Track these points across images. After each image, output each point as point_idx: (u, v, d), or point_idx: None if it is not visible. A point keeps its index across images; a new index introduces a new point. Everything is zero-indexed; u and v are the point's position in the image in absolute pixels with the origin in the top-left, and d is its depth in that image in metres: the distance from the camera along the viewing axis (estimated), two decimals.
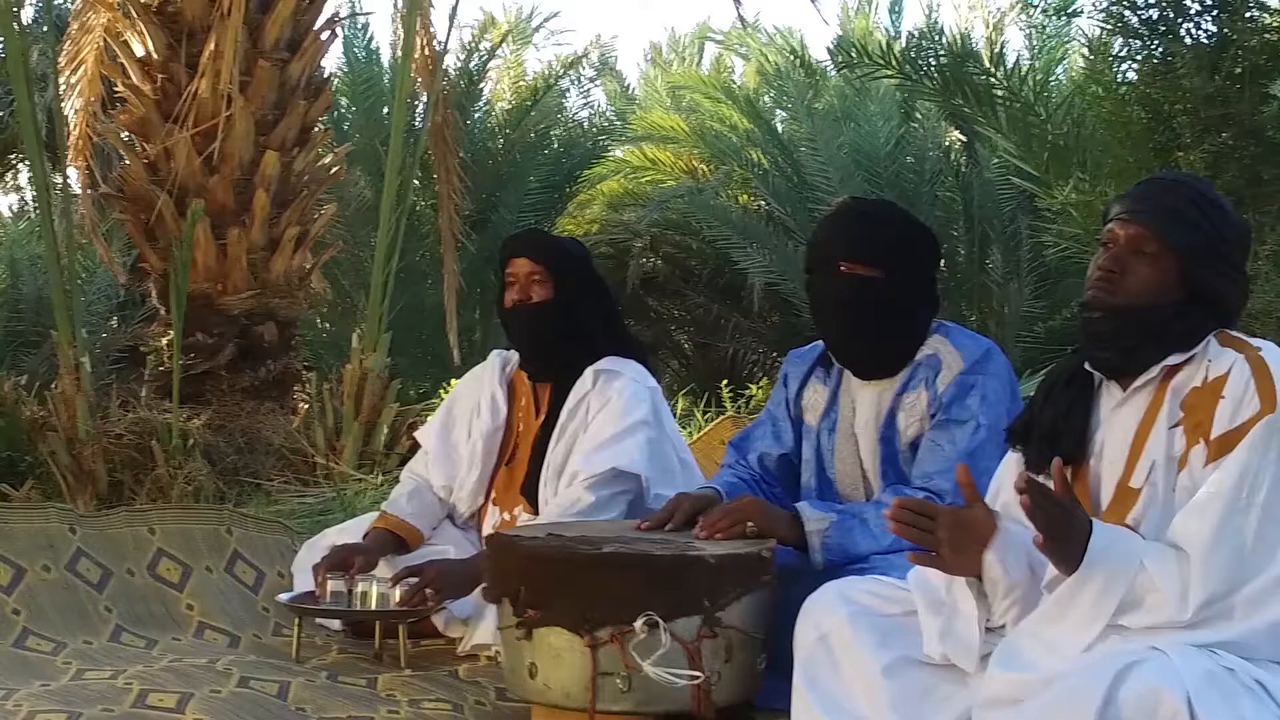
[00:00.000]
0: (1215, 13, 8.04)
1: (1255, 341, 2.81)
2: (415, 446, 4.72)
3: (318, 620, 4.32)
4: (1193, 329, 2.84)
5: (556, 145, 14.66)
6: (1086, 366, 2.96)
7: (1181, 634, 2.57)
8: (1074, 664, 2.61)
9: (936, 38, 10.71)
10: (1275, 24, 8.18)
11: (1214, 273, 2.85)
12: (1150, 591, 2.61)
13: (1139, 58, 8.36)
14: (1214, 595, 2.58)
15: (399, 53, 8.65)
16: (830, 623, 3.03)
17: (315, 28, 7.73)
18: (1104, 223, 2.96)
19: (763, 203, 13.54)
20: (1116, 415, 2.90)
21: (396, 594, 4.01)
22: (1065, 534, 2.65)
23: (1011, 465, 3.04)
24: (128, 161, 7.58)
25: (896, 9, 15.21)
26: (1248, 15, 7.96)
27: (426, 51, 8.42)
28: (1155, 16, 8.16)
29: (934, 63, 9.40)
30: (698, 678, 3.21)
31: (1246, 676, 2.52)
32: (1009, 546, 2.81)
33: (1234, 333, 2.86)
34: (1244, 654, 2.56)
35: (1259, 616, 2.58)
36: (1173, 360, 2.84)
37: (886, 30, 14.65)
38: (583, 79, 16.15)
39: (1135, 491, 2.81)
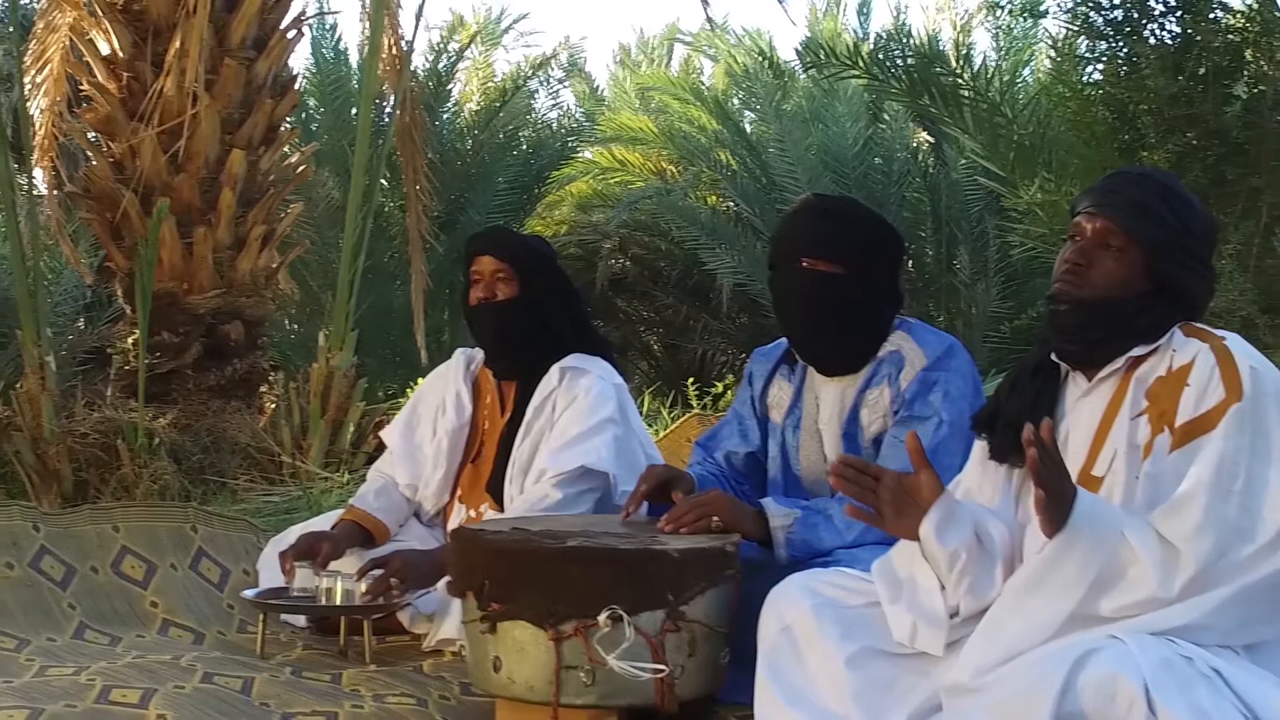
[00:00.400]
0: (1179, 14, 8.10)
1: (1219, 332, 2.84)
2: (382, 446, 4.71)
3: (283, 617, 4.31)
4: (1158, 322, 2.87)
5: (525, 146, 14.67)
6: (1053, 358, 2.98)
7: (1142, 620, 2.59)
8: (1033, 653, 2.63)
9: (904, 39, 10.76)
10: (1238, 25, 8.24)
11: (1180, 267, 2.87)
12: (1132, 563, 2.63)
13: (1104, 58, 8.42)
14: (1199, 580, 2.60)
15: (367, 52, 8.63)
16: (794, 614, 3.05)
17: (281, 26, 7.73)
18: (1071, 216, 2.98)
19: (731, 204, 13.57)
20: (1081, 405, 2.93)
21: (362, 587, 4.00)
22: (1060, 492, 2.67)
23: (978, 457, 3.07)
24: (93, 160, 7.55)
25: (864, 11, 15.28)
26: (1210, 16, 8.02)
27: (394, 51, 8.42)
28: (1120, 17, 8.21)
29: (901, 63, 9.44)
30: (661, 671, 3.21)
31: (1204, 664, 2.54)
32: (948, 517, 2.85)
33: (1198, 325, 2.88)
34: (1198, 639, 2.58)
35: (1214, 596, 2.60)
36: (1138, 351, 2.86)
37: (855, 32, 14.72)
38: (551, 80, 16.18)
39: (1098, 480, 2.84)
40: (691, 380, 9.05)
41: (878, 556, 3.25)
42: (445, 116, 14.26)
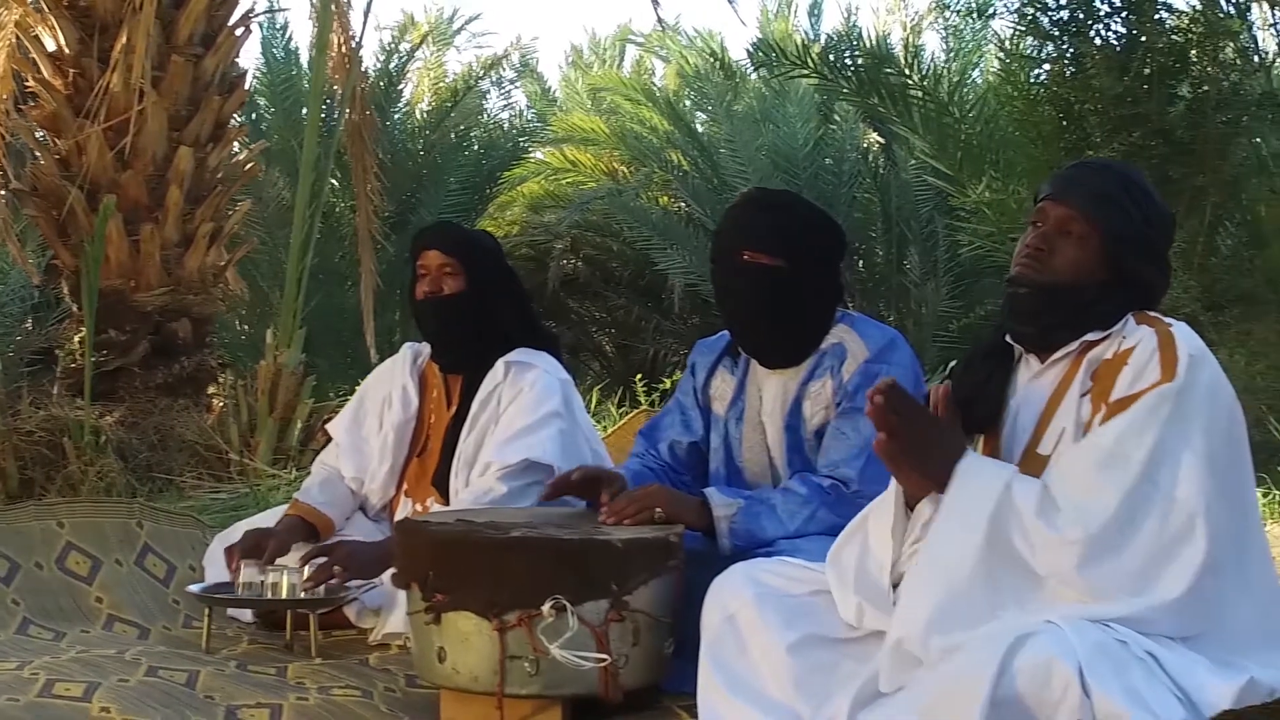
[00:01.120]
0: (1124, 15, 8.18)
1: (1169, 320, 2.88)
2: (330, 442, 4.71)
3: (229, 612, 4.30)
4: (1114, 310, 2.90)
5: (477, 146, 14.67)
6: (1008, 339, 3.01)
7: (1079, 608, 2.62)
8: (968, 639, 2.65)
9: (854, 40, 10.81)
10: (1182, 26, 8.34)
11: (1138, 256, 2.91)
12: (1016, 512, 2.68)
13: (1050, 59, 8.49)
14: (1080, 527, 2.63)
15: (315, 49, 8.61)
16: (737, 603, 3.06)
17: (230, 23, 7.70)
18: (1035, 202, 3.02)
19: (683, 204, 13.61)
20: (1032, 385, 2.97)
21: (306, 573, 3.99)
22: (928, 444, 2.74)
23: None
24: (39, 158, 7.50)
25: (815, 13, 15.36)
26: (1155, 17, 8.12)
27: (343, 49, 8.41)
28: (1066, 18, 8.29)
29: (851, 64, 9.50)
30: (605, 660, 3.23)
31: (1138, 648, 2.56)
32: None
33: (1152, 313, 2.92)
34: (1142, 629, 2.61)
35: (1152, 595, 2.63)
36: (1091, 336, 2.90)
37: (805, 33, 14.77)
38: (503, 80, 16.18)
39: (1044, 458, 2.86)
40: (640, 376, 9.07)
41: (821, 546, 3.27)
42: (396, 117, 14.25)
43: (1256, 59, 8.88)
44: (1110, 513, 2.64)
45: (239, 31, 7.75)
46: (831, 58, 9.80)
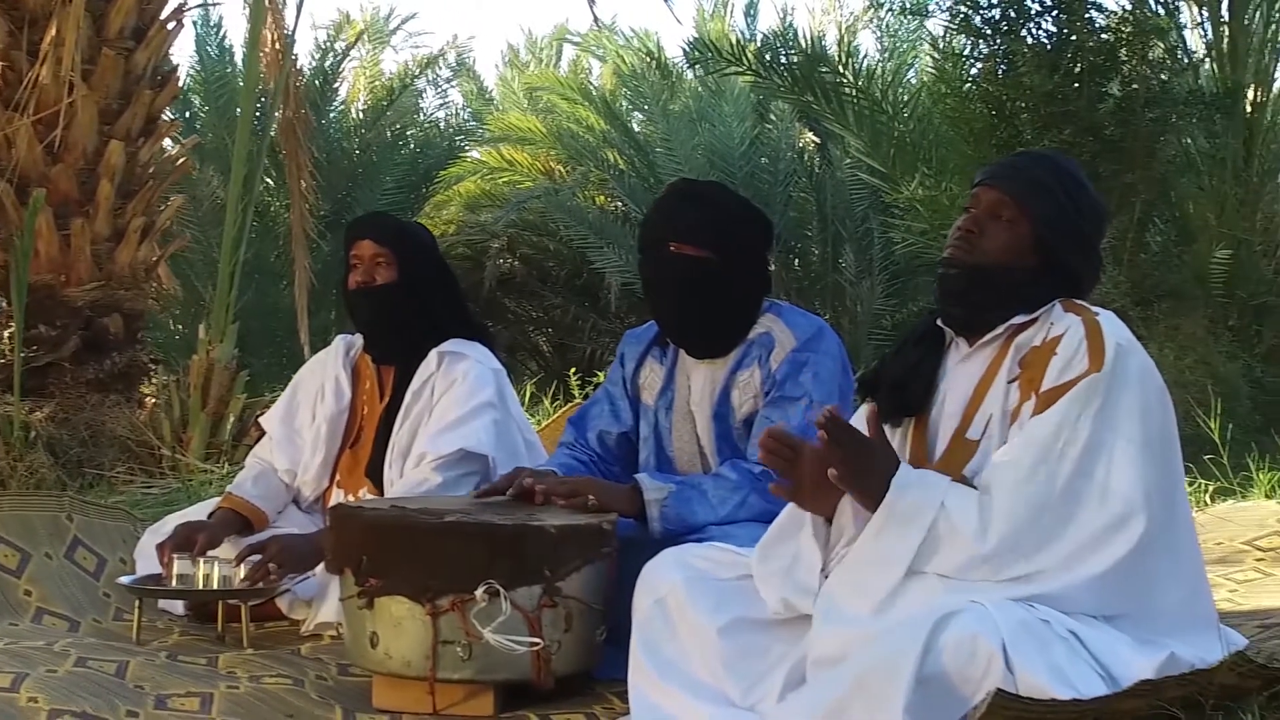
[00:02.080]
0: (1054, 14, 8.27)
1: (1095, 309, 2.92)
2: (263, 436, 4.68)
3: (160, 605, 4.27)
4: (1041, 294, 2.94)
5: (413, 145, 14.64)
6: (939, 323, 3.05)
7: (1001, 588, 2.65)
8: (894, 617, 2.68)
9: (790, 39, 10.87)
10: (1112, 25, 8.44)
11: (1067, 243, 2.96)
12: (950, 532, 2.70)
13: (982, 57, 8.57)
14: (1016, 532, 2.67)
15: (247, 43, 8.56)
16: (666, 587, 3.08)
17: (161, 17, 7.63)
18: (971, 188, 3.06)
19: (619, 203, 13.63)
20: (960, 369, 3.00)
21: (240, 574, 3.98)
22: (866, 470, 2.76)
23: (862, 421, 3.12)
24: None
25: (751, 13, 15.40)
26: (1085, 16, 8.21)
27: (276, 45, 8.36)
28: (998, 17, 8.37)
29: (786, 61, 9.55)
30: (537, 645, 3.24)
31: (1061, 628, 2.60)
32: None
33: (1079, 301, 2.95)
34: (1063, 608, 2.64)
35: (1079, 572, 2.66)
36: (1018, 320, 2.93)
37: (741, 33, 14.81)
38: (439, 80, 16.15)
39: (973, 443, 2.90)
40: (574, 370, 9.07)
41: (752, 533, 3.30)
42: (332, 115, 14.20)
43: (1184, 58, 9.00)
44: (1034, 504, 2.68)
45: (170, 26, 7.68)
46: (767, 57, 9.85)
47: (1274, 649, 2.90)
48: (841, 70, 9.41)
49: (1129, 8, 8.63)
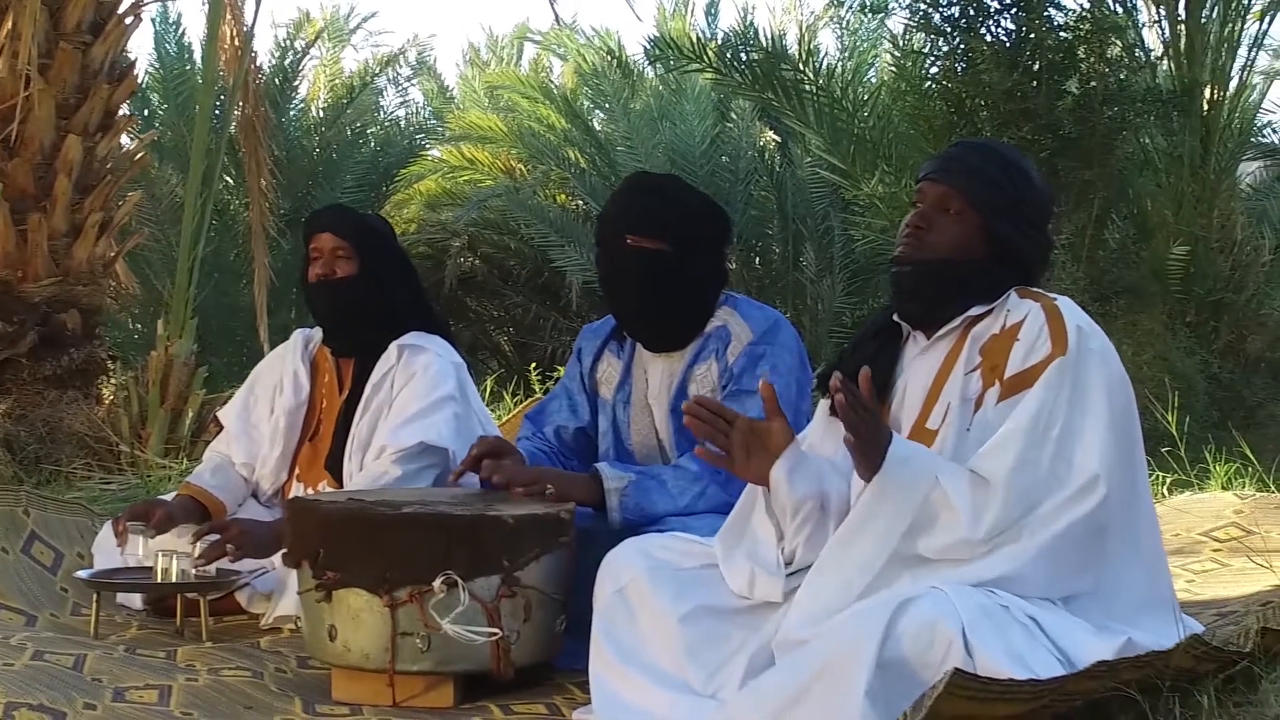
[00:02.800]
0: (1014, 11, 8.31)
1: (1052, 295, 2.94)
2: (222, 431, 4.66)
3: (119, 600, 4.26)
4: (994, 283, 2.96)
5: (373, 144, 14.60)
6: (895, 318, 3.06)
7: (961, 571, 2.67)
8: (855, 605, 2.69)
9: (751, 37, 10.89)
10: (1070, 23, 8.49)
11: (1016, 231, 2.97)
12: (944, 508, 2.72)
13: (942, 54, 8.61)
14: (1008, 519, 2.69)
15: (206, 37, 8.51)
16: (628, 576, 3.09)
17: (119, 11, 7.58)
18: (916, 183, 3.08)
19: (580, 202, 13.61)
20: (918, 361, 3.02)
21: (196, 552, 3.96)
22: (872, 436, 2.75)
23: (821, 413, 3.13)
24: None
25: (712, 12, 15.42)
26: (1044, 14, 8.25)
27: (236, 41, 8.33)
28: (957, 14, 8.40)
29: (747, 59, 9.57)
30: (496, 635, 3.23)
31: (1020, 613, 2.62)
32: (798, 464, 2.92)
33: (1033, 288, 2.97)
34: (1019, 590, 2.66)
35: (1034, 540, 2.68)
36: (975, 311, 2.95)
37: (702, 32, 14.83)
38: (400, 78, 16.11)
39: (932, 432, 2.92)
40: (534, 365, 9.07)
41: (711, 524, 3.31)
42: (292, 113, 14.13)
43: (1142, 56, 9.05)
44: (1026, 490, 2.71)
45: (129, 20, 7.62)
46: (728, 55, 9.88)
47: (1229, 634, 2.92)
48: (802, 68, 9.43)
49: (1087, 6, 8.68)
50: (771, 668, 2.84)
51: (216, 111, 10.53)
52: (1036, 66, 8.25)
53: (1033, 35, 8.28)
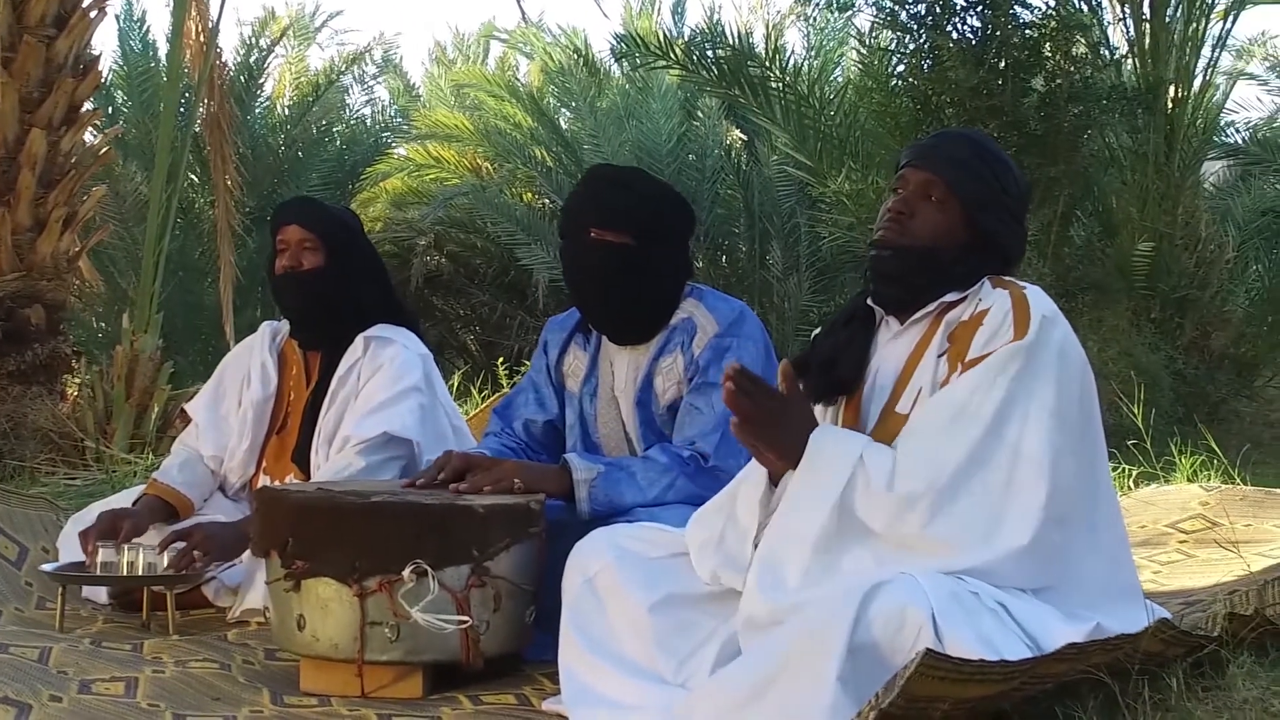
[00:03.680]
0: (979, 9, 8.34)
1: (1023, 284, 2.95)
2: (189, 424, 4.64)
3: (84, 594, 4.23)
4: (971, 272, 2.97)
5: (339, 142, 14.55)
6: (869, 303, 3.06)
7: (928, 562, 2.67)
8: (826, 588, 2.69)
9: (717, 35, 10.90)
10: (1036, 21, 8.53)
11: (995, 221, 2.98)
12: (865, 484, 2.73)
13: (908, 52, 8.63)
14: (926, 482, 2.69)
15: (171, 32, 8.47)
16: (597, 566, 3.08)
17: (84, 5, 7.53)
18: (897, 170, 3.09)
19: (546, 200, 13.60)
20: (891, 346, 3.03)
21: (165, 561, 3.95)
22: (774, 423, 2.79)
23: None
24: None
25: (679, 11, 15.43)
26: (1010, 12, 8.28)
27: (201, 38, 8.29)
28: (923, 12, 8.43)
29: (713, 55, 9.58)
30: (466, 624, 3.22)
31: (989, 599, 2.62)
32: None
33: (1007, 278, 2.98)
34: (992, 580, 2.66)
35: (1002, 544, 2.68)
36: (950, 297, 2.96)
37: (669, 30, 14.84)
38: (366, 76, 16.06)
39: (902, 416, 2.91)
40: (501, 360, 9.06)
41: (680, 515, 3.31)
42: (258, 111, 14.08)
43: (1107, 54, 9.10)
44: (957, 466, 2.70)
45: (93, 14, 7.58)
46: (695, 53, 9.88)
47: (1197, 620, 2.94)
48: (769, 66, 9.44)
49: (1053, 4, 8.71)
50: (741, 655, 2.84)
51: (182, 109, 10.48)
52: (1002, 64, 8.28)
53: (999, 33, 8.31)
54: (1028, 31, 8.46)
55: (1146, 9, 8.94)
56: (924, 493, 2.68)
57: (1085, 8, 8.96)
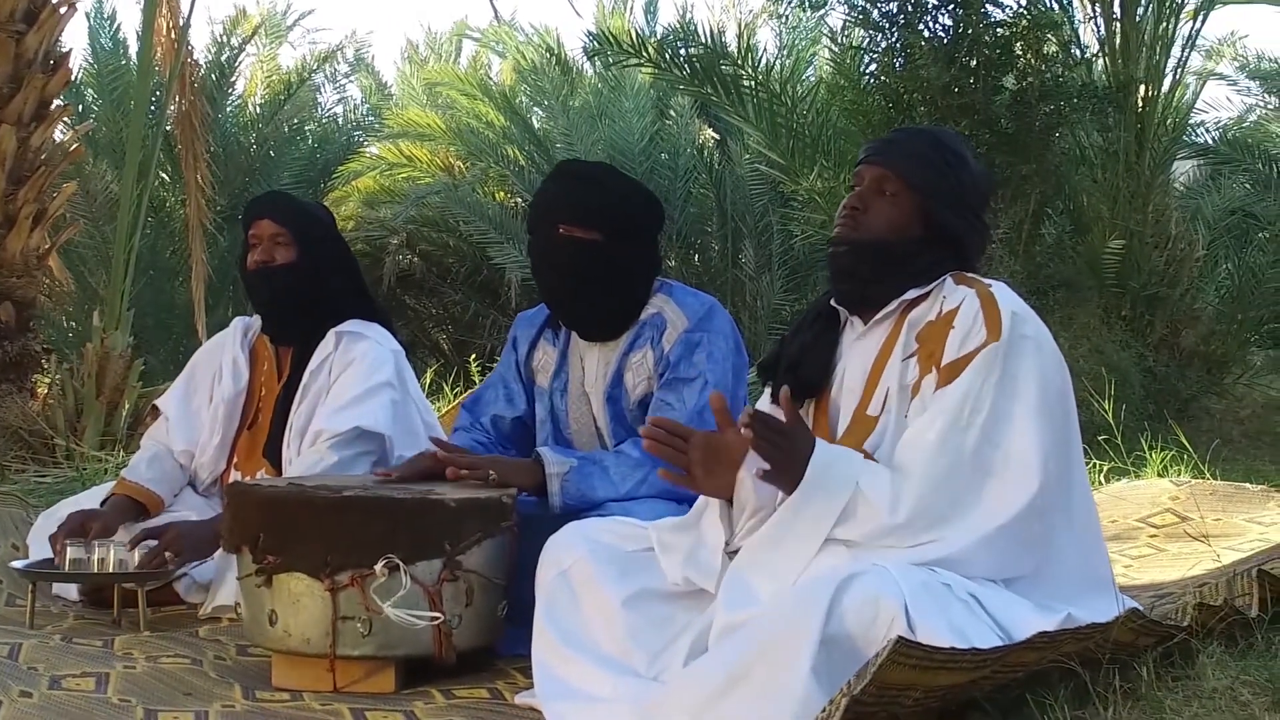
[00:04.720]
0: (951, 7, 8.35)
1: (987, 280, 2.96)
2: (159, 419, 4.62)
3: (55, 590, 4.21)
4: (930, 266, 2.99)
5: (311, 141, 14.49)
6: (833, 303, 3.07)
7: (904, 553, 2.68)
8: (799, 580, 2.70)
9: (690, 33, 10.90)
10: (1007, 19, 8.55)
11: (952, 214, 3.00)
12: (863, 504, 2.74)
13: (880, 50, 8.64)
14: (927, 502, 2.71)
15: (141, 27, 8.43)
16: (571, 559, 3.09)
17: (53, 1, 7.50)
18: (855, 167, 3.10)
19: (519, 199, 13.56)
20: (856, 347, 3.04)
21: (135, 558, 3.93)
22: (789, 459, 2.77)
23: (765, 402, 3.14)
24: None
25: (651, 10, 15.41)
26: (981, 10, 8.30)
27: (172, 34, 8.26)
28: (895, 10, 8.44)
29: (686, 53, 9.57)
30: (438, 619, 3.22)
31: (961, 590, 2.64)
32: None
33: (969, 274, 2.99)
34: (964, 571, 2.68)
35: (972, 533, 2.70)
36: (911, 295, 2.97)
37: (641, 29, 14.83)
38: (338, 75, 16.00)
39: (873, 419, 2.93)
40: (474, 356, 9.04)
41: (653, 509, 3.33)
42: (229, 109, 14.02)
43: (1078, 53, 9.12)
44: (946, 475, 2.73)
45: (63, 10, 7.55)
46: (668, 51, 9.87)
47: (1167, 610, 2.96)
48: (741, 64, 9.44)
49: (1024, 3, 8.73)
50: (715, 647, 2.84)
51: (153, 107, 10.44)
52: (974, 62, 8.29)
53: (970, 31, 8.32)
54: (999, 30, 8.47)
55: (1117, 8, 8.96)
56: (922, 515, 2.71)
57: (1056, 6, 8.97)
